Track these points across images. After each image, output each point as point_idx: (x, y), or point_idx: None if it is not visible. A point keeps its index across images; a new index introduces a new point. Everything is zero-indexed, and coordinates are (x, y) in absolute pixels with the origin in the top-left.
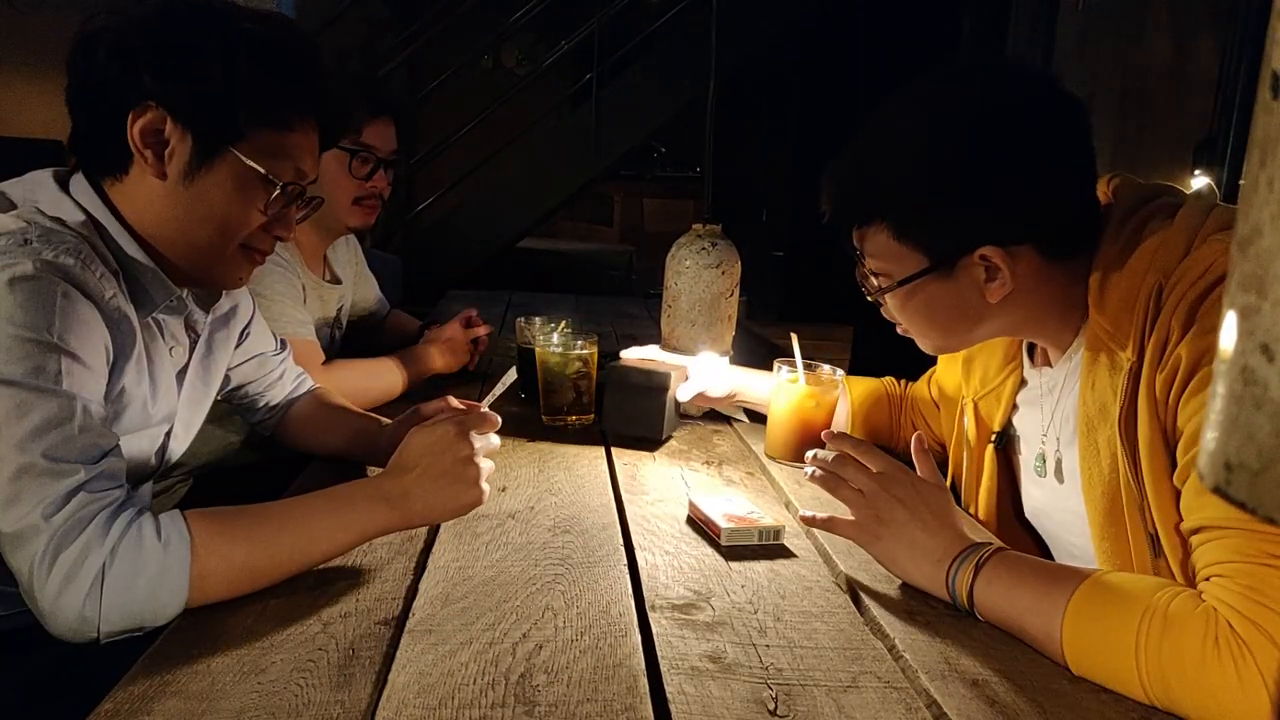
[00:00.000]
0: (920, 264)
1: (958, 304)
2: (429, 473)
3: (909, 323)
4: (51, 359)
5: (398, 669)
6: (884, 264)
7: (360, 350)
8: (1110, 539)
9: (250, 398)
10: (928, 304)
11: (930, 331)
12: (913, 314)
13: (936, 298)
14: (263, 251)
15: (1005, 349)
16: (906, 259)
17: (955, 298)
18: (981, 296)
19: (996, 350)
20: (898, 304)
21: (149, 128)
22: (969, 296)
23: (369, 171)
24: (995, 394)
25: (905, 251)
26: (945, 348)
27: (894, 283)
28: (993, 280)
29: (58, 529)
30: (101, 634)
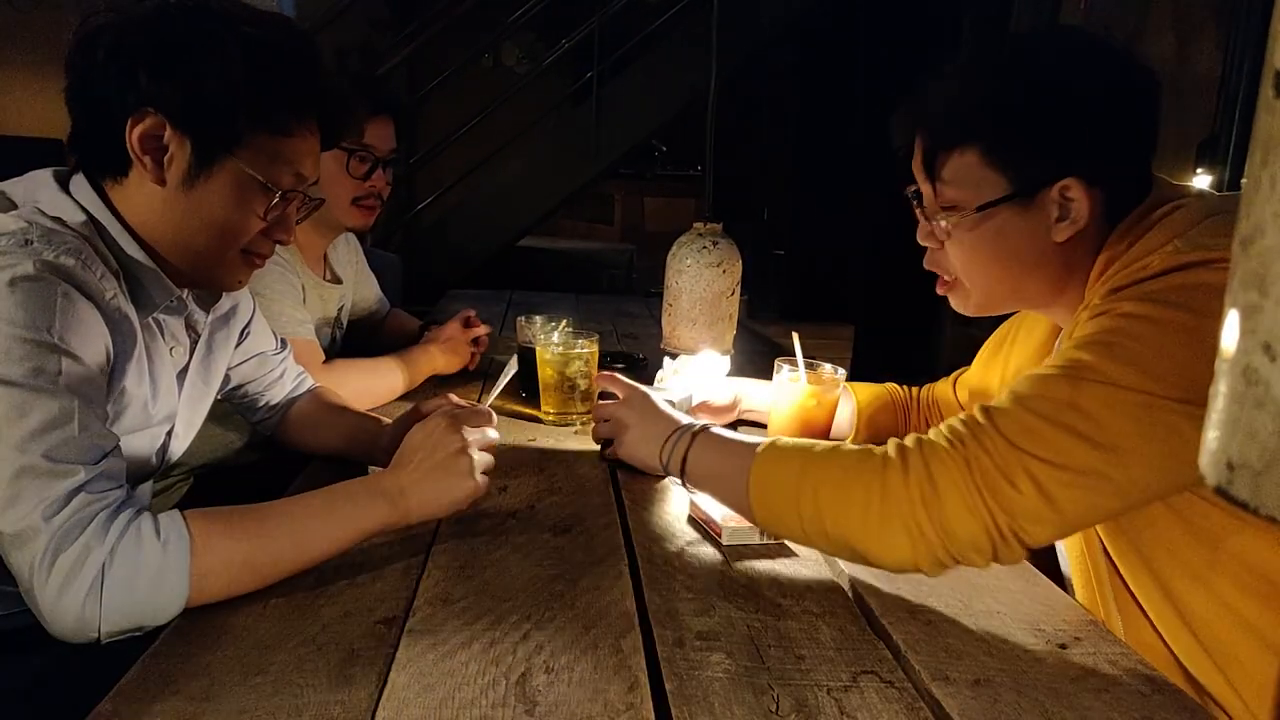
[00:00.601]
0: (1002, 190)
1: (1023, 241)
2: (423, 467)
3: (967, 261)
4: (51, 359)
5: (398, 669)
6: (962, 192)
7: (360, 350)
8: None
9: (250, 397)
10: (995, 237)
11: (990, 274)
12: (974, 250)
13: (1006, 231)
14: (262, 255)
15: (1038, 345)
16: (988, 185)
17: (1024, 233)
18: (1047, 237)
19: (1032, 340)
20: (964, 238)
21: (148, 134)
22: (1036, 235)
23: (367, 171)
24: None
25: (989, 177)
26: (987, 301)
27: (970, 210)
28: (1064, 220)
29: (58, 530)
30: (102, 634)
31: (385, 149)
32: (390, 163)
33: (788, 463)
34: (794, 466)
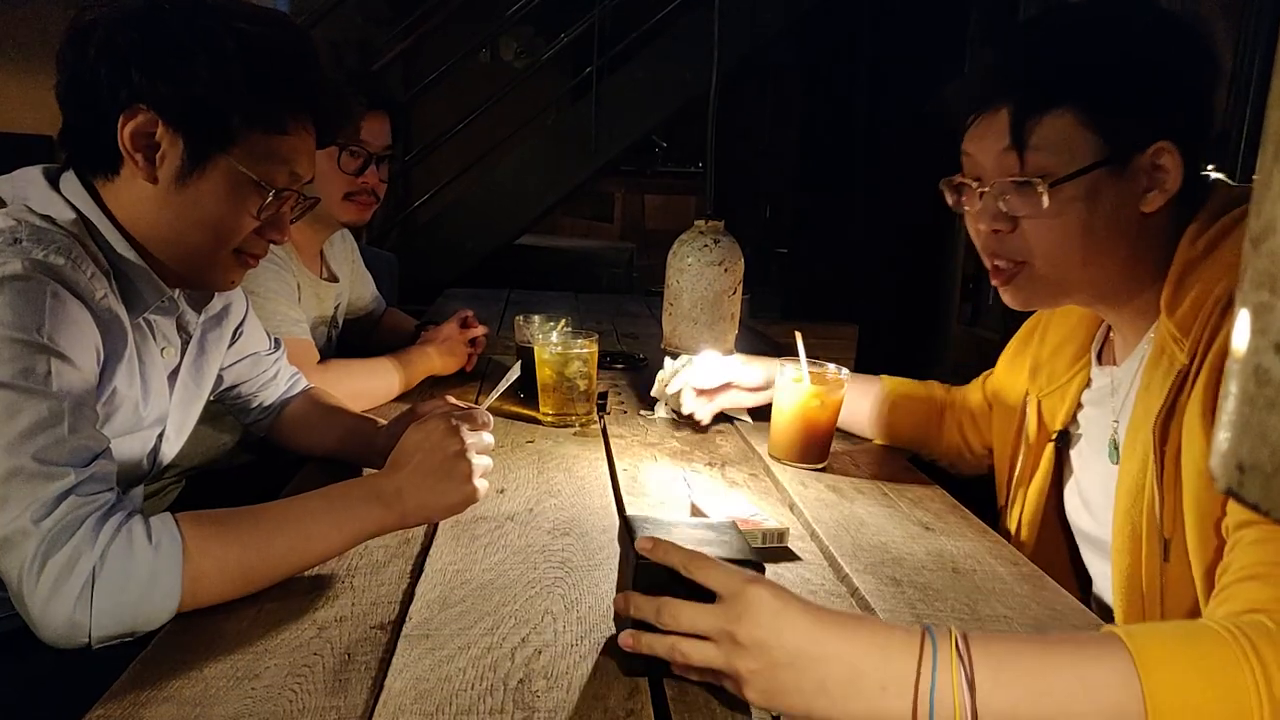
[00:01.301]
0: (1098, 154)
1: (1113, 212)
2: (420, 470)
3: (1053, 235)
4: (41, 360)
5: (394, 674)
6: (1054, 158)
7: (355, 350)
8: (1125, 534)
9: (243, 398)
10: (1088, 206)
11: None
12: (1063, 222)
13: (1099, 199)
14: (255, 255)
15: (1075, 348)
16: (1083, 149)
17: (1115, 203)
18: (1135, 208)
19: (1065, 349)
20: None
21: (139, 131)
22: (1125, 207)
23: (359, 167)
24: (1060, 392)
25: (1085, 140)
26: (1057, 286)
27: (1062, 176)
28: (1153, 189)
29: (47, 533)
30: (93, 639)
31: (379, 145)
32: (385, 159)
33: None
34: (1244, 666)
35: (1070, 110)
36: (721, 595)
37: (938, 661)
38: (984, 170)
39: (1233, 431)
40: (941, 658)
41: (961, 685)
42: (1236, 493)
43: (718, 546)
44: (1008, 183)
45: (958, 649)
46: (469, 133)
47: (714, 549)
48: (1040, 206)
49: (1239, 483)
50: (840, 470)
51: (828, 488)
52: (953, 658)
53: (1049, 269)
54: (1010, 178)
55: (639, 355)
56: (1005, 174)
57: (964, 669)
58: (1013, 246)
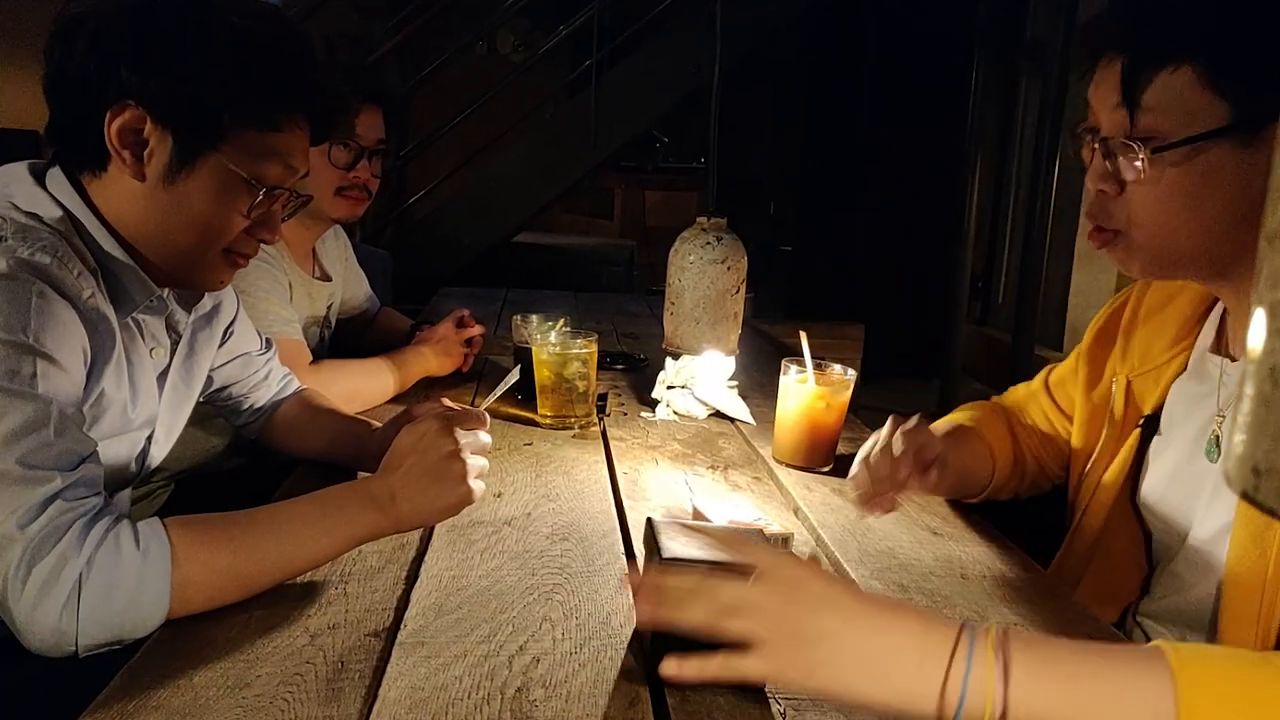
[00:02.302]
0: (1221, 119)
1: (1239, 186)
2: (413, 472)
3: (1159, 207)
4: (26, 361)
5: (389, 683)
6: (1168, 120)
7: (348, 350)
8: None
9: (234, 399)
10: (1202, 179)
11: (1184, 224)
12: (1177, 191)
13: (1217, 171)
14: (245, 255)
15: (1178, 327)
16: (1203, 113)
17: (1243, 175)
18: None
19: (1168, 326)
20: (1164, 176)
21: (127, 127)
22: (1252, 181)
23: (351, 161)
24: (1155, 374)
25: (1207, 102)
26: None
27: (1178, 141)
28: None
29: (33, 539)
30: (80, 647)
31: (372, 139)
32: (377, 154)
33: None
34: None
35: (1189, 68)
36: (764, 571)
37: (974, 650)
38: (1101, 124)
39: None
40: (978, 648)
41: (997, 678)
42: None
43: None
44: (1118, 141)
45: (996, 643)
46: (465, 127)
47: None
48: (1152, 171)
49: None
50: (845, 473)
51: (833, 491)
52: (990, 649)
53: (1147, 239)
54: (1120, 137)
55: (639, 356)
56: (1117, 131)
57: (1000, 662)
58: (1113, 210)
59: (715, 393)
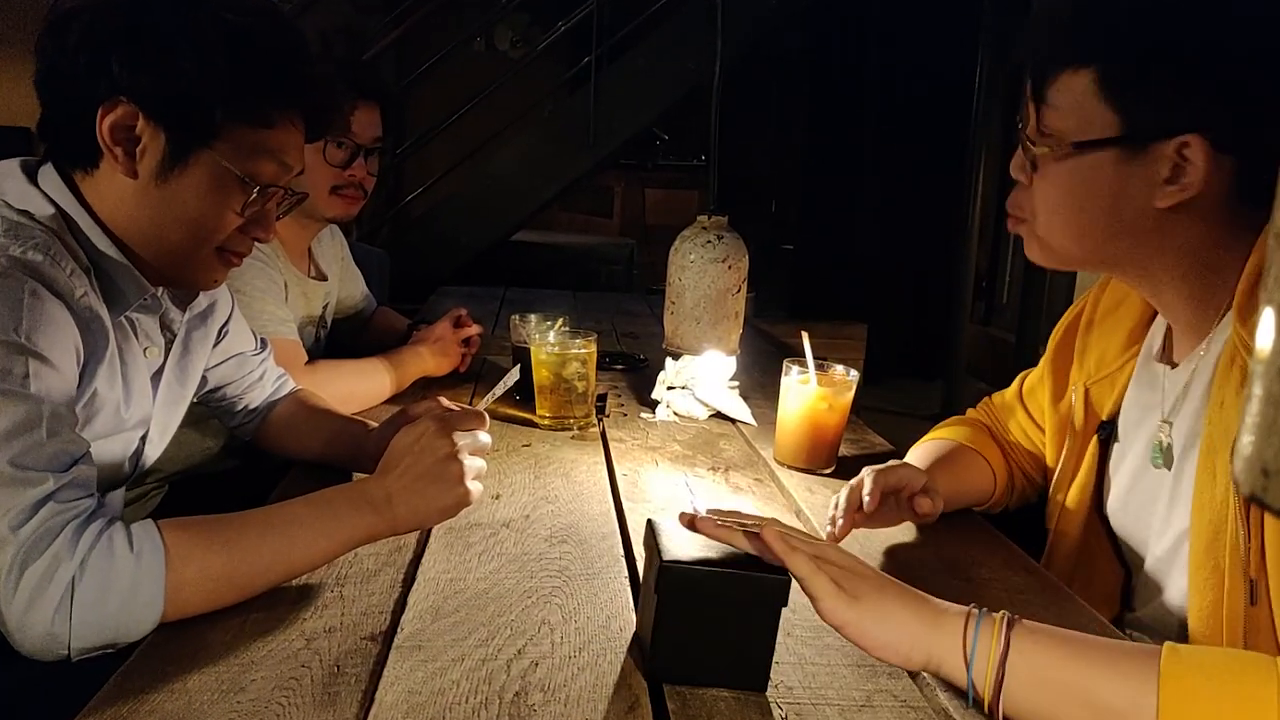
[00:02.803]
0: (1110, 129)
1: (1119, 197)
2: (410, 473)
3: (1049, 203)
4: (18, 361)
5: (385, 687)
6: (1065, 121)
7: (345, 350)
8: (1206, 570)
9: (228, 400)
10: (1087, 182)
11: (1066, 223)
12: (1061, 191)
13: (1102, 178)
14: (239, 254)
15: (1128, 331)
16: (1095, 122)
17: (1121, 187)
18: (1149, 198)
19: (1118, 331)
20: (1053, 174)
21: (119, 124)
22: (1135, 193)
23: (346, 159)
24: (1110, 379)
25: (1099, 110)
26: (1066, 254)
27: (1068, 144)
28: (1173, 183)
29: (25, 541)
30: (72, 651)
31: (369, 137)
32: (374, 151)
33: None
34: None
35: (1089, 73)
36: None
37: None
38: (1024, 118)
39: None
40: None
41: (999, 643)
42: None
43: (744, 556)
44: (1026, 135)
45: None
46: (463, 125)
47: (739, 557)
48: (1039, 167)
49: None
50: (848, 475)
51: (835, 493)
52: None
53: (1044, 233)
54: (1028, 132)
55: (639, 356)
56: (1029, 127)
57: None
58: (1022, 200)
59: (716, 393)
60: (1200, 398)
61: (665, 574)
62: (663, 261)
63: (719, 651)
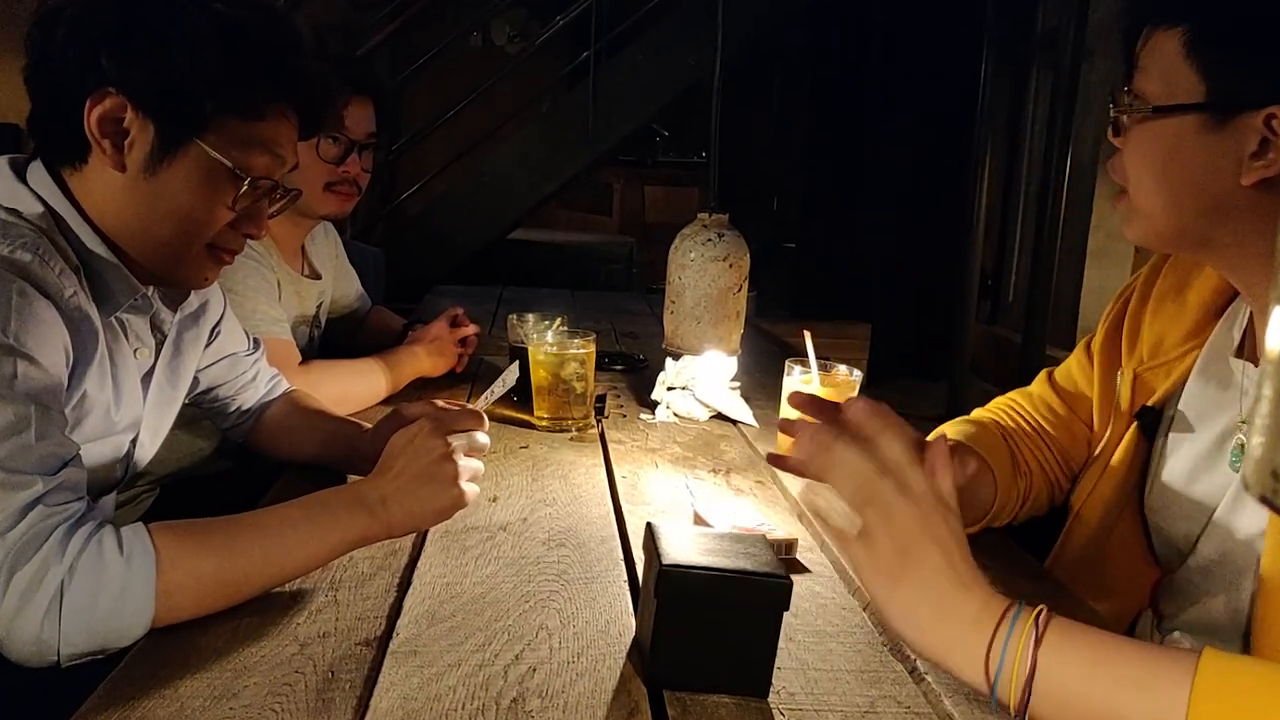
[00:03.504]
0: (1196, 95)
1: (1203, 169)
2: (404, 475)
3: (1136, 169)
4: (6, 362)
5: (380, 693)
6: (1153, 83)
7: (339, 350)
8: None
9: (221, 401)
10: (1170, 150)
11: (1153, 192)
12: (1145, 158)
13: (1184, 148)
14: (231, 251)
15: (1194, 321)
16: (1182, 84)
17: (1204, 160)
18: (1234, 173)
19: (1181, 319)
20: (1137, 139)
21: (107, 116)
22: (1221, 167)
23: (340, 155)
24: (1166, 368)
25: (1186, 74)
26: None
27: (1150, 106)
28: (1260, 158)
29: (13, 545)
30: (62, 656)
31: (362, 132)
32: (368, 147)
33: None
34: None
35: (1179, 33)
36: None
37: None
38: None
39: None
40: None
41: (1029, 641)
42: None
43: (744, 559)
44: (1120, 97)
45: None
46: (460, 121)
47: (740, 560)
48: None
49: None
50: None
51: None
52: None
53: (1138, 202)
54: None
55: (639, 356)
56: (1122, 88)
57: (1036, 628)
58: (1118, 166)
59: (717, 394)
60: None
61: (665, 577)
62: (662, 260)
63: (720, 656)
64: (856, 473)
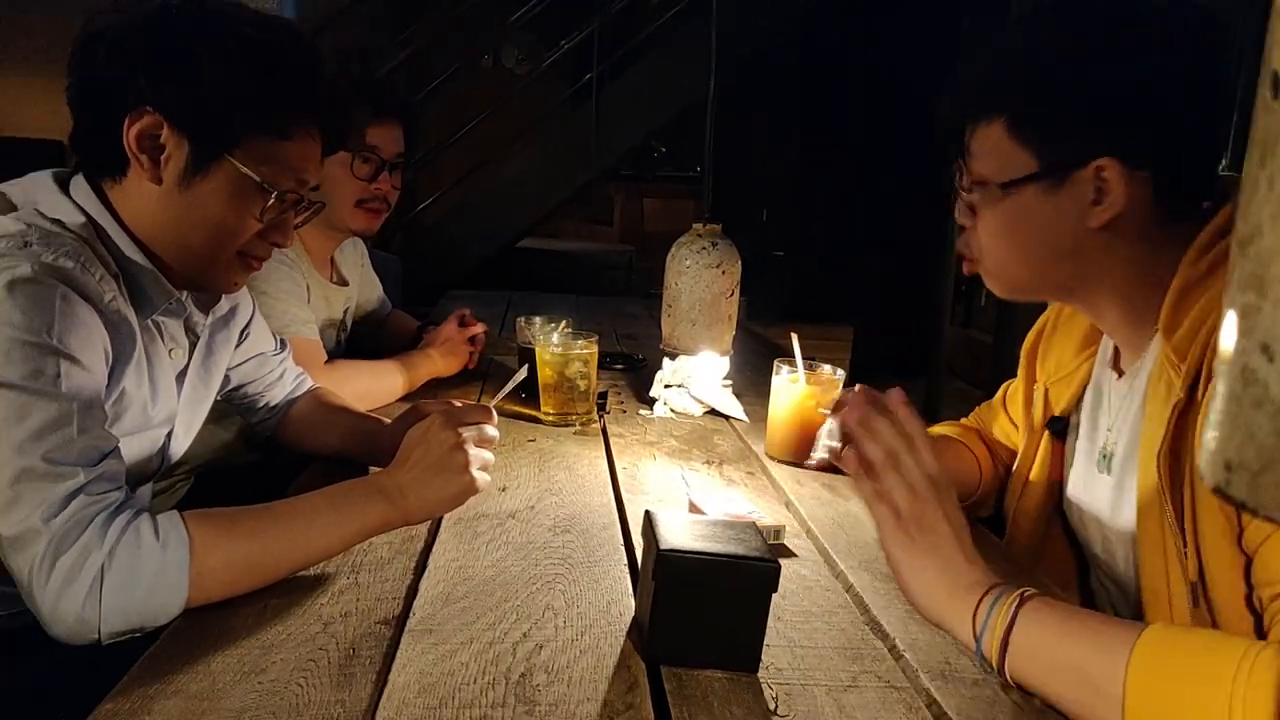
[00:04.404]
0: (1029, 167)
1: (1054, 225)
2: (419, 465)
3: (993, 241)
4: (50, 362)
5: (398, 669)
6: (989, 167)
7: (362, 350)
8: (1150, 574)
9: (250, 398)
10: (1022, 218)
11: (1011, 257)
12: (1001, 230)
13: (1033, 212)
14: (259, 258)
15: (1084, 333)
16: (1015, 161)
17: (1053, 216)
18: (1082, 221)
19: (1073, 336)
20: (990, 216)
21: (145, 132)
22: (1067, 218)
23: (371, 173)
24: (1067, 380)
25: (1016, 152)
26: (1018, 285)
27: (995, 185)
28: (1099, 203)
29: (57, 532)
30: (102, 635)
31: (392, 152)
32: (397, 167)
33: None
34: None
35: (1001, 121)
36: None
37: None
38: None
39: (1220, 430)
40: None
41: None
42: (1224, 491)
43: (736, 544)
44: (960, 183)
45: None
46: (472, 138)
47: (732, 546)
48: (978, 211)
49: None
50: (834, 470)
51: (823, 486)
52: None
53: (994, 269)
54: (960, 181)
55: (638, 356)
56: (962, 176)
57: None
58: (971, 242)
59: (710, 391)
60: (1137, 409)
61: (662, 562)
62: (660, 267)
63: (713, 635)
64: (886, 443)
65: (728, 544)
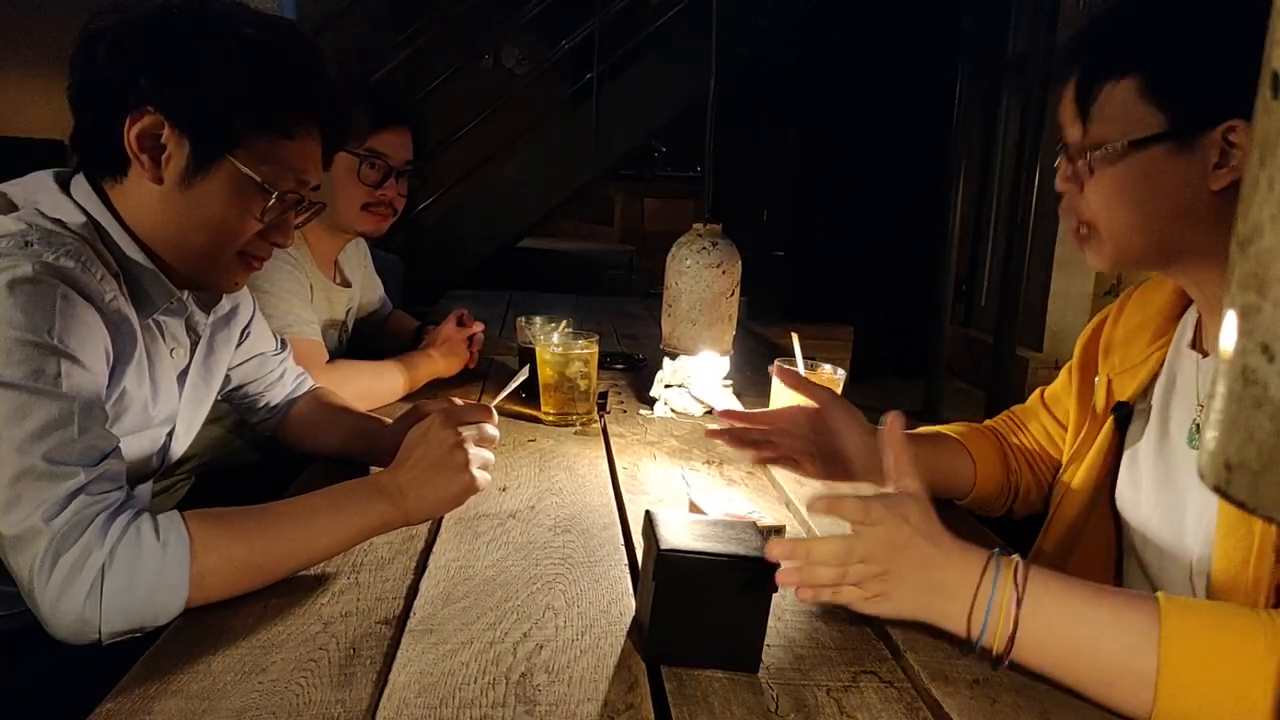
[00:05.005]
0: (1157, 127)
1: (1176, 186)
2: (419, 464)
3: (1108, 203)
4: (51, 361)
5: (398, 668)
6: (1114, 128)
7: (363, 350)
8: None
9: (250, 397)
10: (1144, 178)
11: (1128, 219)
12: (1119, 191)
13: (1158, 172)
14: (260, 258)
15: (1156, 325)
16: (1143, 121)
17: (1176, 178)
18: (1204, 183)
19: (1144, 331)
20: (1110, 176)
21: (146, 132)
22: (1191, 181)
23: (379, 179)
24: (1133, 371)
25: (1146, 112)
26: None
27: (1118, 145)
28: (1223, 165)
29: (58, 532)
30: (103, 635)
31: (400, 159)
32: (404, 173)
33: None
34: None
35: (1132, 80)
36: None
37: (998, 580)
38: (1065, 136)
39: (1220, 430)
40: (1002, 576)
41: (1011, 599)
42: (1224, 491)
43: (736, 544)
44: (1075, 148)
45: (1016, 573)
46: (472, 138)
47: (732, 545)
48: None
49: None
50: None
51: (823, 485)
52: (1010, 577)
53: (1107, 234)
54: (1076, 144)
55: (638, 356)
56: (1075, 140)
57: (1016, 588)
58: (1079, 207)
59: (711, 391)
60: None
61: (663, 561)
62: (660, 267)
63: (713, 635)
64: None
65: (728, 544)
